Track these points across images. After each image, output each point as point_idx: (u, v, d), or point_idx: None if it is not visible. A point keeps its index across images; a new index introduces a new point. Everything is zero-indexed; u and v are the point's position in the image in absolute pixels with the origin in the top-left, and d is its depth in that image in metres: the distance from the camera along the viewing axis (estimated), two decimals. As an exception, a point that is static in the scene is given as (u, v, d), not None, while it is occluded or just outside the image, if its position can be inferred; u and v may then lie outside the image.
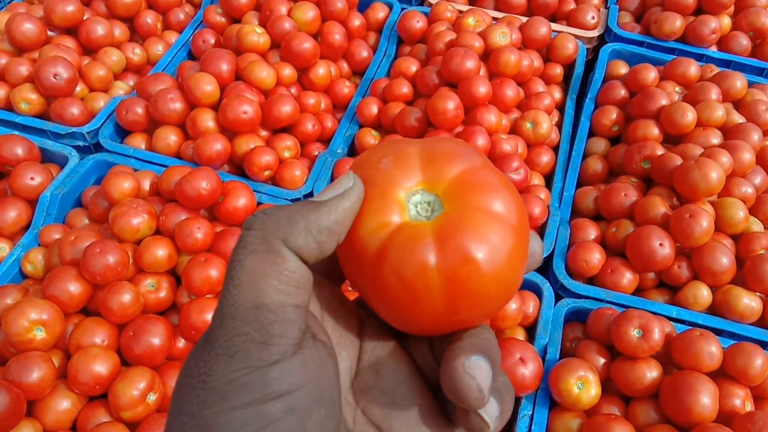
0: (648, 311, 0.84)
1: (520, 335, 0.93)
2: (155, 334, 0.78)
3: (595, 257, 0.96)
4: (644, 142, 1.07)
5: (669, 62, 1.23)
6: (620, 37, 1.32)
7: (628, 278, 0.95)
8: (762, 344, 0.87)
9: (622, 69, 1.28)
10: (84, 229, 0.90)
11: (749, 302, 0.90)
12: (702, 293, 0.92)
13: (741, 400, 0.77)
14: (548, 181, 1.14)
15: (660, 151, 1.05)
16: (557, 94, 1.25)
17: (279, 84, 1.16)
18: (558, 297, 0.94)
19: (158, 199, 0.97)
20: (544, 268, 1.02)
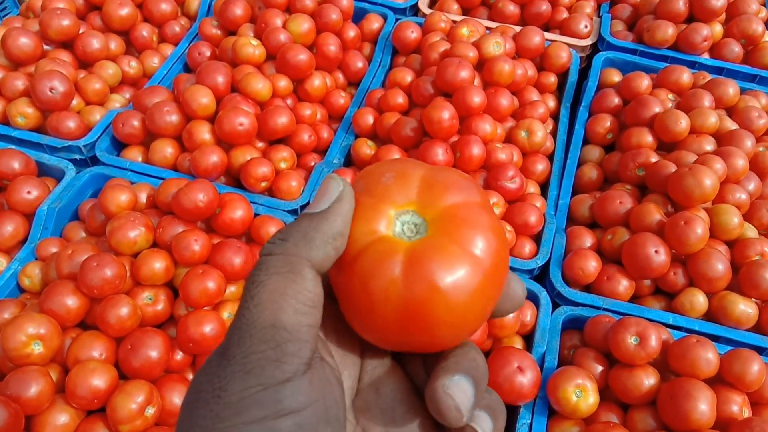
0: (645, 318, 0.84)
1: (518, 344, 0.93)
2: (153, 347, 0.78)
3: (592, 265, 0.96)
4: (638, 150, 1.08)
5: (662, 70, 1.24)
6: (613, 46, 1.33)
7: (625, 285, 0.95)
8: (758, 350, 0.87)
9: (616, 77, 1.29)
10: (81, 243, 0.90)
11: (745, 308, 0.90)
12: (698, 300, 0.92)
13: (738, 406, 0.77)
14: (544, 190, 1.15)
15: (654, 159, 1.05)
16: (551, 103, 1.26)
17: (275, 95, 1.17)
18: (555, 305, 0.95)
19: (155, 212, 0.97)
20: (541, 277, 1.02)
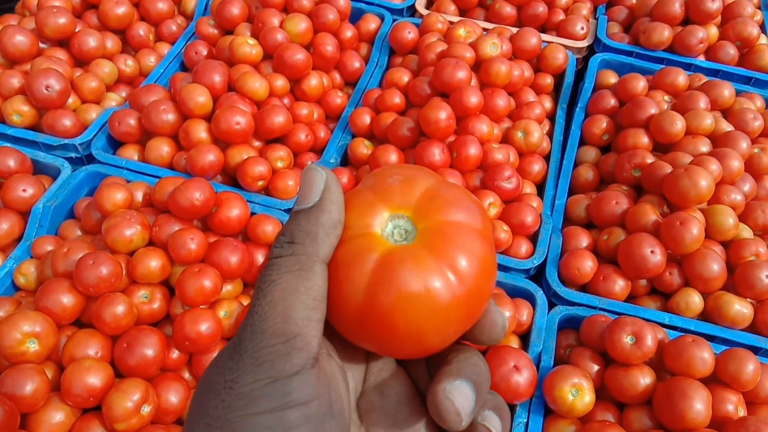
0: (640, 318, 0.84)
1: (514, 343, 0.93)
2: (149, 346, 0.78)
3: (588, 265, 0.96)
4: (634, 151, 1.08)
5: (658, 72, 1.24)
6: (609, 47, 1.33)
7: (621, 285, 0.95)
8: (753, 350, 0.87)
9: (612, 79, 1.29)
10: (77, 241, 0.90)
11: (740, 308, 0.91)
12: (693, 300, 0.93)
13: (734, 406, 0.77)
14: (540, 190, 1.15)
15: (650, 160, 1.06)
16: (548, 104, 1.26)
17: (272, 95, 1.17)
18: (551, 305, 0.95)
19: (151, 210, 0.97)
20: (538, 276, 1.02)
